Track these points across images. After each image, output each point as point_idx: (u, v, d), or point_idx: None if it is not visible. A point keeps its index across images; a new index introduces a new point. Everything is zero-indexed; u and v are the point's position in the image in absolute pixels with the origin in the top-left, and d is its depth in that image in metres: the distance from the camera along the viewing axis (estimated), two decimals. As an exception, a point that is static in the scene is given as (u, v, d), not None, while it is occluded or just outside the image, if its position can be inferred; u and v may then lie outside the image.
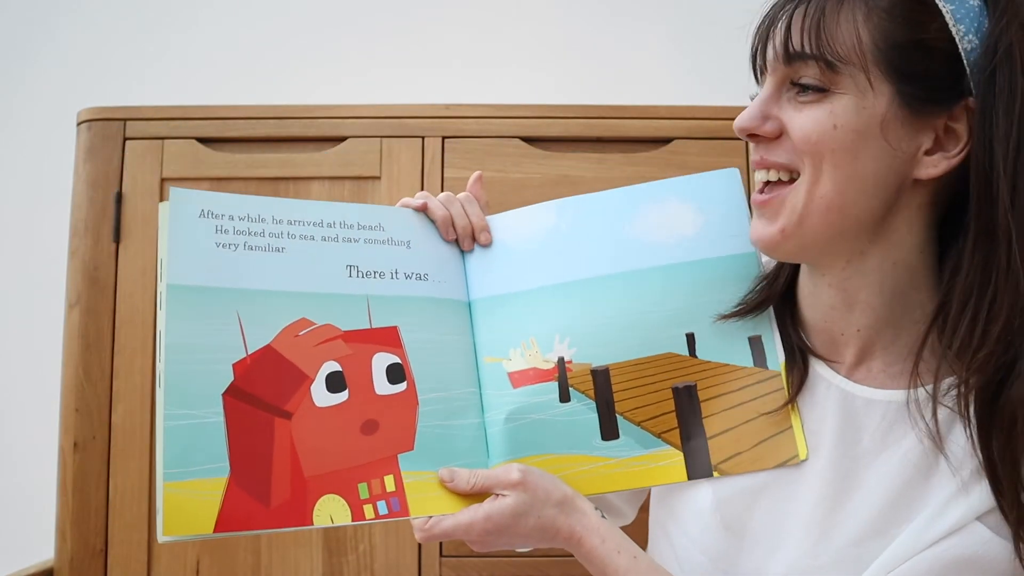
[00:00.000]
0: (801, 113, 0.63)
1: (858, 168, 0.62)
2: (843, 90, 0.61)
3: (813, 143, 0.62)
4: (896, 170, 0.62)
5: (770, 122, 0.65)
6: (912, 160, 0.62)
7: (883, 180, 0.62)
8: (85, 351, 1.22)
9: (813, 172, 0.63)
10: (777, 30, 0.64)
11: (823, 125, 0.62)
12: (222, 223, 0.70)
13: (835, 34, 0.61)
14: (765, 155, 0.66)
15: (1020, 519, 0.58)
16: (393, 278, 0.75)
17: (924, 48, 0.60)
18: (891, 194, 0.63)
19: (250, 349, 0.68)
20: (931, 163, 0.62)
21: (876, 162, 0.62)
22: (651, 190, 0.79)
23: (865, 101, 0.61)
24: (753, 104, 0.66)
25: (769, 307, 0.73)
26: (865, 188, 0.62)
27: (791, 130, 0.64)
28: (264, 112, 1.27)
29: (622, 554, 0.67)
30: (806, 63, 0.62)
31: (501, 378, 0.76)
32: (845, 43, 0.61)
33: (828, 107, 0.62)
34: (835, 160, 0.62)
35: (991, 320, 0.59)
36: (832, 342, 0.70)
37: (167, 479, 0.62)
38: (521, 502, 0.67)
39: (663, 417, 0.74)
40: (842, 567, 0.63)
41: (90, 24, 1.65)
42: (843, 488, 0.65)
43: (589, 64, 1.62)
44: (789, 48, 0.63)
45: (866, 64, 0.61)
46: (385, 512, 0.67)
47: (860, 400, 0.66)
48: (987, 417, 0.59)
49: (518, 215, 0.82)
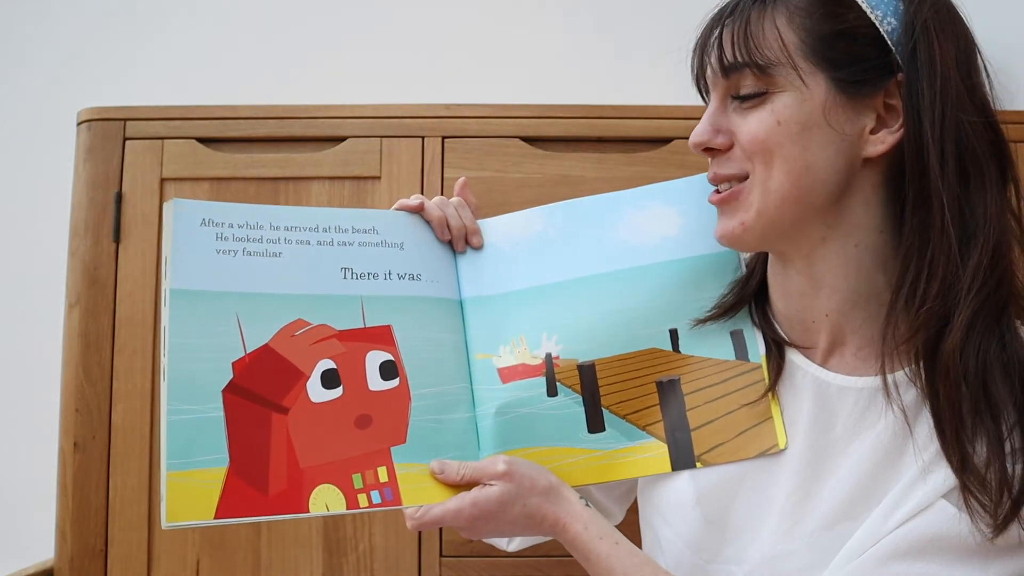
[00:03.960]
0: (746, 119, 0.67)
1: (808, 158, 0.65)
2: (780, 88, 0.66)
3: (761, 141, 0.66)
4: (845, 153, 0.66)
5: (721, 135, 0.69)
6: (859, 141, 0.66)
7: (834, 164, 0.66)
8: (85, 351, 1.22)
9: (764, 170, 0.67)
10: (711, 49, 0.69)
11: (767, 124, 0.66)
12: (222, 231, 0.74)
13: (761, 40, 0.66)
14: (717, 170, 0.71)
15: (962, 462, 0.60)
16: (387, 279, 0.79)
17: (847, 36, 0.65)
18: (843, 177, 0.66)
19: (248, 348, 0.72)
20: (877, 140, 0.66)
21: (824, 149, 0.65)
22: (635, 195, 0.83)
23: (804, 94, 0.65)
24: (703, 120, 0.70)
25: (744, 307, 0.76)
26: (817, 175, 0.66)
27: (739, 136, 0.68)
28: (264, 112, 1.27)
29: (604, 540, 0.70)
30: (742, 73, 0.67)
31: (491, 374, 0.79)
32: (772, 46, 0.65)
33: (769, 107, 0.66)
34: (784, 154, 0.65)
35: (930, 279, 0.63)
36: (805, 330, 0.72)
37: (170, 469, 0.66)
38: (507, 491, 0.70)
39: (648, 410, 0.77)
40: (815, 551, 0.65)
41: (90, 24, 1.65)
42: (817, 474, 0.67)
43: (589, 64, 1.62)
44: (724, 62, 0.67)
45: (794, 61, 0.65)
46: (378, 501, 0.71)
47: (834, 387, 0.69)
48: (931, 369, 0.63)
49: (508, 219, 0.85)
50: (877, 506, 0.63)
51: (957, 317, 0.62)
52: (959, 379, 0.61)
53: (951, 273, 0.62)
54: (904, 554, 0.61)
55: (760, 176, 0.67)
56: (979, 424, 0.61)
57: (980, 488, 0.59)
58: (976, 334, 0.61)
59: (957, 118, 0.63)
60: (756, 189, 0.67)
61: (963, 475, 0.60)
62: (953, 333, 0.62)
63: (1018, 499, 0.59)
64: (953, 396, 0.61)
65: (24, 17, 1.65)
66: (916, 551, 0.61)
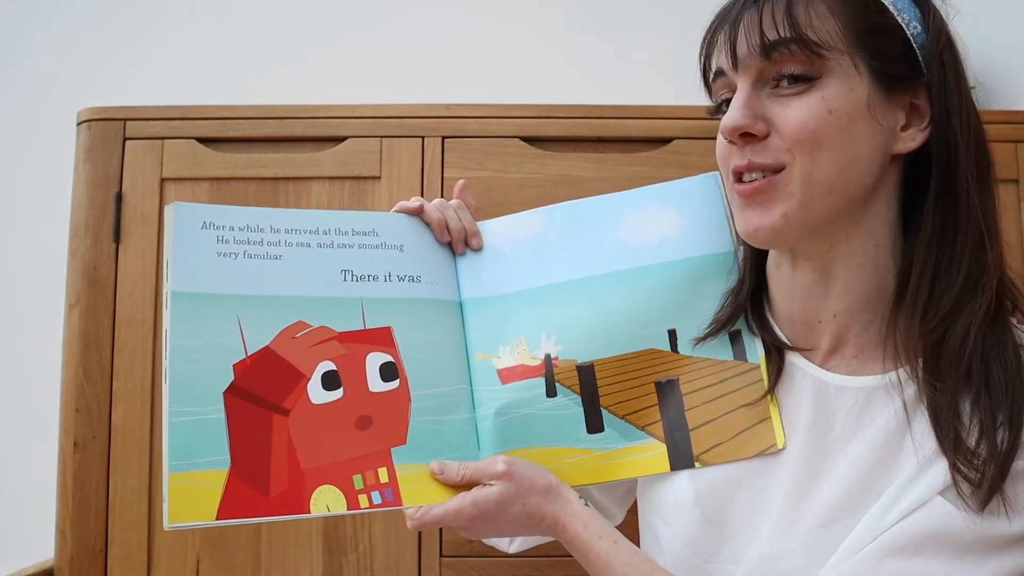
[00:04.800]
0: (790, 106, 0.65)
1: (854, 149, 0.65)
2: (829, 74, 0.64)
3: (811, 131, 0.64)
4: (881, 147, 0.66)
5: (760, 121, 0.66)
6: (893, 136, 0.66)
7: (874, 157, 0.66)
8: (85, 351, 1.22)
9: (810, 160, 0.64)
10: (744, 28, 0.66)
11: (818, 112, 0.64)
12: (223, 233, 0.75)
13: (811, 22, 0.64)
14: (753, 158, 0.66)
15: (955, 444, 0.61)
16: (387, 281, 0.79)
17: (885, 31, 0.66)
18: (878, 171, 0.67)
19: (249, 350, 0.73)
20: (908, 137, 0.67)
21: (869, 140, 0.65)
22: (634, 196, 0.83)
23: (852, 83, 0.64)
24: (736, 104, 0.66)
25: (740, 317, 0.76)
26: (861, 167, 0.66)
27: (781, 125, 0.65)
28: (264, 112, 1.27)
29: (603, 539, 0.70)
30: (788, 53, 0.64)
31: (491, 375, 0.80)
32: (824, 29, 0.64)
33: (819, 94, 0.64)
34: (833, 144, 0.64)
35: (954, 271, 0.64)
36: (808, 331, 0.72)
37: (172, 470, 0.67)
38: (506, 491, 0.70)
39: (646, 410, 0.77)
40: (812, 550, 0.65)
41: (90, 24, 1.65)
42: (815, 474, 0.67)
43: (589, 64, 1.62)
44: (765, 40, 0.64)
45: (850, 47, 0.64)
46: (379, 502, 0.71)
47: (832, 387, 0.69)
48: (934, 364, 0.64)
49: (508, 221, 0.86)
50: (874, 503, 0.63)
51: (967, 314, 0.63)
52: (961, 376, 0.62)
53: (975, 271, 0.64)
54: (901, 550, 0.61)
55: (804, 167, 0.64)
56: (975, 414, 0.62)
57: (968, 463, 0.60)
58: (980, 331, 0.63)
59: (977, 121, 0.66)
60: (799, 180, 0.65)
61: (955, 455, 0.60)
62: (956, 330, 0.63)
63: (1003, 464, 0.59)
64: (954, 392, 0.62)
65: (24, 17, 1.66)
66: (913, 547, 0.61)
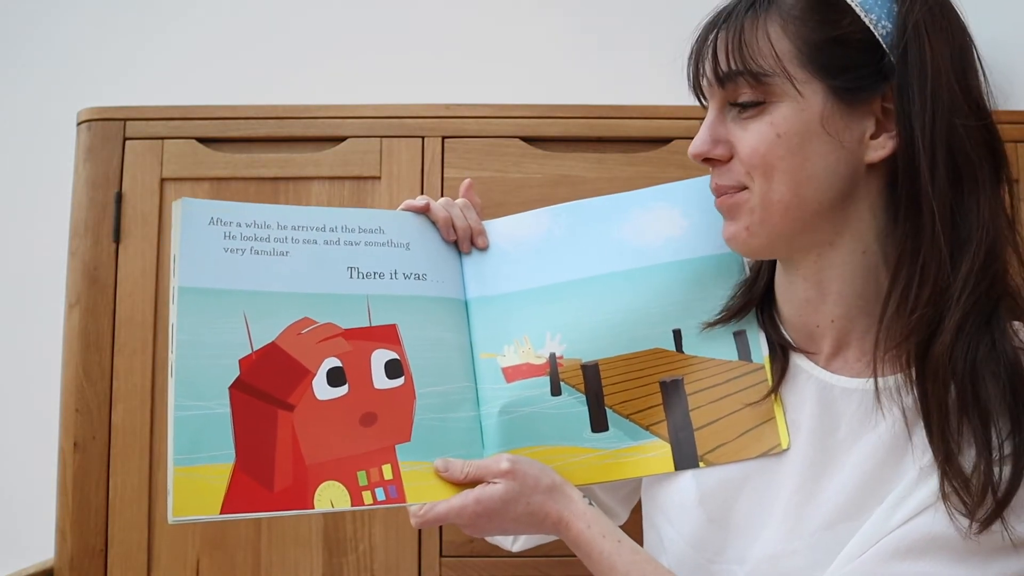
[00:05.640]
0: (746, 130, 0.67)
1: (809, 168, 0.65)
2: (778, 99, 0.65)
3: (761, 155, 0.66)
4: (846, 160, 0.65)
5: (720, 145, 0.69)
6: (859, 147, 0.65)
7: (835, 172, 0.65)
8: (85, 351, 1.22)
9: (765, 182, 0.66)
10: (706, 56, 0.68)
11: (766, 137, 0.65)
12: (230, 230, 0.75)
13: (756, 49, 0.65)
14: (718, 180, 0.71)
15: (947, 459, 0.60)
16: (392, 278, 0.79)
17: (841, 43, 0.64)
18: (847, 184, 0.66)
19: (255, 346, 0.73)
20: (878, 145, 0.65)
21: (825, 158, 0.65)
22: (639, 196, 0.83)
23: (801, 104, 0.65)
24: (702, 130, 0.69)
25: (751, 310, 0.76)
26: (820, 184, 0.66)
27: (739, 149, 0.68)
28: (264, 112, 1.27)
29: (607, 539, 0.70)
30: (737, 82, 0.66)
31: (496, 373, 0.80)
32: (766, 55, 0.65)
33: (768, 118, 0.65)
34: (784, 167, 0.65)
35: (922, 284, 0.63)
36: (809, 335, 0.73)
37: (177, 464, 0.67)
38: (510, 489, 0.70)
39: (651, 410, 0.77)
40: (816, 551, 0.65)
41: (90, 24, 1.65)
42: (820, 475, 0.67)
43: (589, 64, 1.62)
44: (719, 71, 0.67)
45: (788, 71, 0.64)
46: (383, 498, 0.72)
47: (837, 389, 0.69)
48: (921, 372, 0.63)
49: (513, 220, 0.86)
50: (878, 506, 0.63)
51: (947, 321, 0.62)
52: (947, 380, 0.61)
53: (942, 279, 0.62)
54: (905, 553, 0.61)
55: (761, 188, 0.67)
56: (965, 424, 0.61)
57: (963, 488, 0.59)
58: (965, 336, 0.61)
59: (949, 121, 0.62)
60: (757, 199, 0.67)
61: (947, 474, 0.60)
62: (943, 336, 0.62)
63: (1003, 500, 0.59)
64: (941, 397, 0.61)
65: (24, 17, 1.65)
66: (917, 551, 0.61)
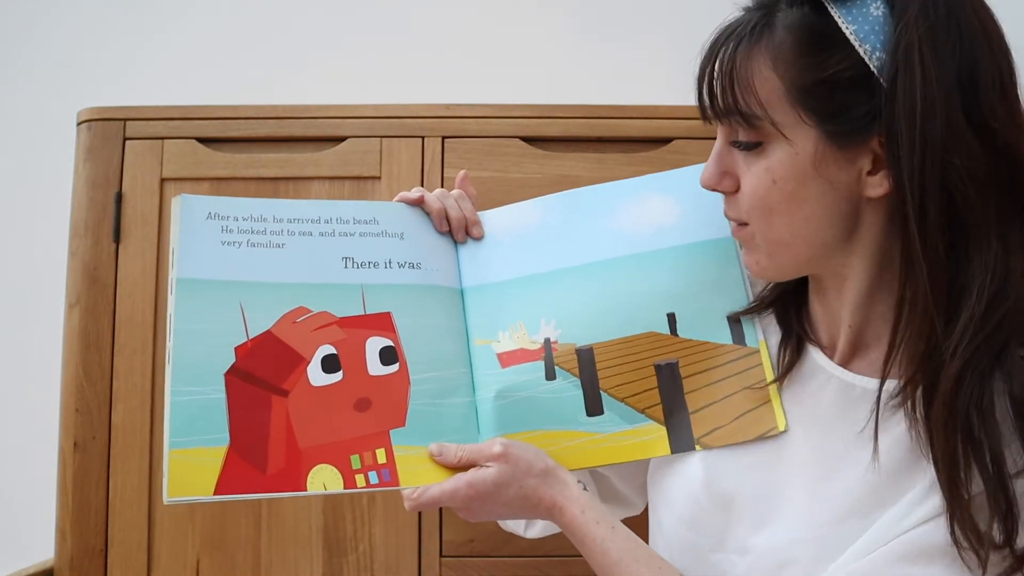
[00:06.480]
0: (749, 170, 0.66)
1: (805, 210, 0.64)
2: (773, 140, 0.64)
3: (760, 199, 0.65)
4: (845, 197, 0.64)
5: (727, 178, 0.69)
6: (857, 184, 0.63)
7: (834, 210, 0.64)
8: (85, 351, 1.22)
9: (764, 223, 0.67)
10: (703, 89, 0.66)
11: (763, 181, 0.65)
12: (227, 223, 0.77)
13: (746, 88, 0.63)
14: (727, 210, 0.71)
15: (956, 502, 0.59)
16: (387, 267, 0.80)
17: (832, 84, 0.60)
18: (848, 219, 0.65)
19: (251, 334, 0.74)
20: (876, 183, 0.62)
21: (821, 199, 0.64)
22: (633, 185, 0.84)
23: (794, 148, 0.63)
24: (710, 161, 0.69)
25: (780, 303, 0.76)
26: (819, 224, 0.65)
27: (742, 188, 0.67)
28: (264, 112, 1.27)
29: (601, 525, 0.70)
30: (731, 120, 0.65)
31: (491, 359, 0.80)
32: (755, 98, 0.63)
33: (765, 162, 0.64)
34: (782, 209, 0.65)
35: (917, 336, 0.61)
36: (832, 332, 0.72)
37: (172, 447, 0.68)
38: (502, 473, 0.71)
39: (646, 393, 0.78)
40: (821, 544, 0.65)
41: (90, 24, 1.65)
42: (833, 469, 0.67)
43: (589, 64, 1.62)
44: (716, 108, 0.66)
45: (773, 117, 0.62)
46: (376, 482, 0.72)
47: (858, 389, 0.68)
48: (927, 417, 0.61)
49: (508, 211, 0.87)
50: (891, 507, 0.63)
51: (945, 371, 0.59)
52: (952, 431, 0.59)
53: (935, 335, 0.59)
54: (915, 557, 0.60)
55: (761, 227, 0.67)
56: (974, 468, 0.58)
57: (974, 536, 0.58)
58: (967, 386, 0.58)
59: (944, 162, 0.57)
60: (760, 237, 0.68)
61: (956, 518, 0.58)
62: (942, 386, 0.59)
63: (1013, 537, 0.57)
64: (946, 447, 0.59)
65: (24, 17, 1.66)
66: (926, 556, 0.60)
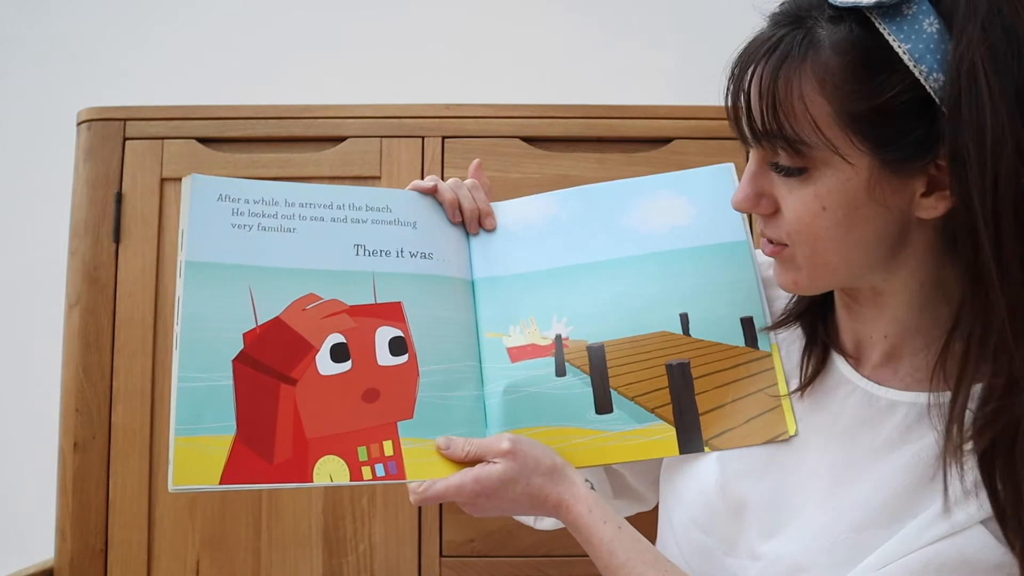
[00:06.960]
0: (792, 194, 0.62)
1: (855, 234, 0.61)
2: (821, 166, 0.60)
3: (807, 224, 0.62)
4: (896, 219, 0.61)
5: (764, 199, 0.65)
6: (912, 204, 0.60)
7: (884, 232, 0.62)
8: (85, 351, 1.22)
9: (809, 248, 0.63)
10: (741, 107, 0.62)
11: (812, 208, 0.61)
12: (238, 206, 0.76)
13: (791, 111, 0.59)
14: (764, 230, 0.67)
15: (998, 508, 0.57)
16: (399, 256, 0.80)
17: (886, 111, 0.57)
18: (896, 239, 0.62)
19: (260, 320, 0.73)
20: (929, 205, 0.60)
21: (871, 223, 0.61)
22: (648, 183, 0.83)
23: (845, 174, 0.59)
24: (744, 181, 0.65)
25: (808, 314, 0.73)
26: (867, 246, 0.62)
27: (784, 212, 0.63)
28: (264, 112, 1.27)
29: (608, 524, 0.69)
30: (774, 144, 0.61)
31: (500, 353, 0.80)
32: (803, 122, 0.58)
33: (812, 189, 0.61)
34: (830, 236, 0.61)
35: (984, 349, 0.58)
36: (859, 343, 0.70)
37: (178, 434, 0.67)
38: (509, 469, 0.70)
39: (656, 393, 0.77)
40: (838, 553, 0.63)
41: (90, 24, 1.65)
42: (854, 479, 0.65)
43: (590, 64, 1.62)
44: (755, 130, 0.61)
45: (832, 142, 0.58)
46: (382, 474, 0.71)
47: (884, 401, 0.66)
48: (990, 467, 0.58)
49: (522, 203, 0.86)
50: (911, 519, 0.61)
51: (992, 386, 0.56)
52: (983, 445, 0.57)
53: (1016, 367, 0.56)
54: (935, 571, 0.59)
55: (804, 252, 0.63)
56: None
57: None
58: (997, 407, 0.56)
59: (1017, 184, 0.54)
60: (802, 260, 0.64)
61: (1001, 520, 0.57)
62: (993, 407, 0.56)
63: None
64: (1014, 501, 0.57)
65: (24, 17, 1.66)
66: (947, 570, 0.59)
